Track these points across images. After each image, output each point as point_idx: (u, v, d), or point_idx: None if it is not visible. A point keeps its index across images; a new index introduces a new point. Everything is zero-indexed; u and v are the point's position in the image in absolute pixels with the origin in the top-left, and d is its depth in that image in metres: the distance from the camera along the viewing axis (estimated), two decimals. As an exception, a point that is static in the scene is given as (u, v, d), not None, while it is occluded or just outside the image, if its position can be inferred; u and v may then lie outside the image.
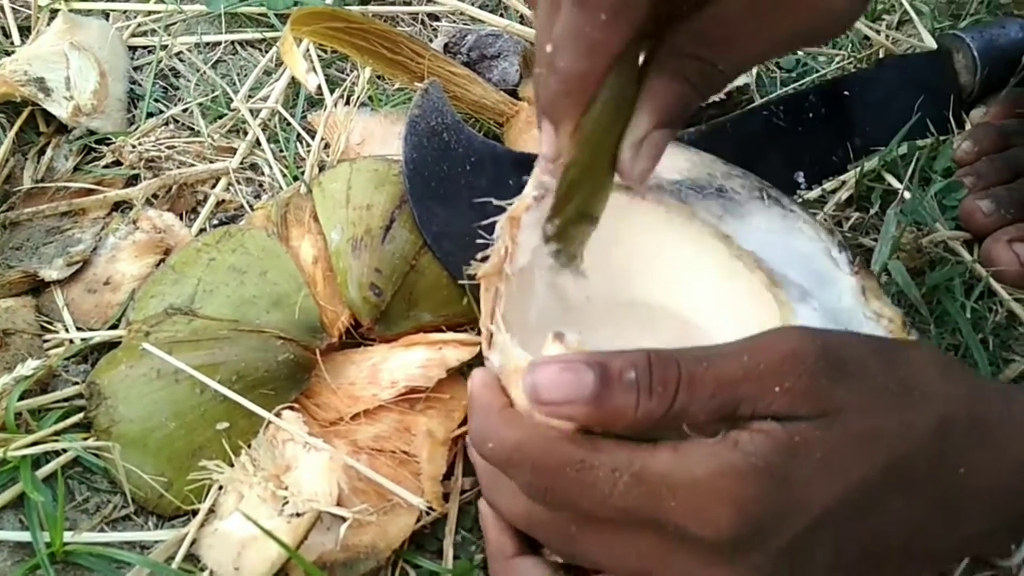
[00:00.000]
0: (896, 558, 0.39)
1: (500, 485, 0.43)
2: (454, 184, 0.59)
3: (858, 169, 0.66)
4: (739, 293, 0.49)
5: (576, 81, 0.40)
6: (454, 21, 0.76)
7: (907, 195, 0.64)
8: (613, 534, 0.39)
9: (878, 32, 0.76)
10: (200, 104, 0.70)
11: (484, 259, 0.49)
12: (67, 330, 0.58)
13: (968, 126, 0.70)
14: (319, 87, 0.70)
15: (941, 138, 0.68)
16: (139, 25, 0.76)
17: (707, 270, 0.51)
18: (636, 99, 0.43)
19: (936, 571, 0.47)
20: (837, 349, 0.38)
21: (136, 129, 0.68)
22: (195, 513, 0.50)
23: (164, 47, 0.74)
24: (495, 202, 0.50)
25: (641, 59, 0.43)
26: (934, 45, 0.74)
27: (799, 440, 0.36)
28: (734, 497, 0.35)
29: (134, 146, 0.66)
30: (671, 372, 0.37)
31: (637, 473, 0.37)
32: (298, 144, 0.68)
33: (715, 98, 0.69)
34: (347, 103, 0.69)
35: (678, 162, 0.54)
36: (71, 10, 0.75)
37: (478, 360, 0.54)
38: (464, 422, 0.53)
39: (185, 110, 0.70)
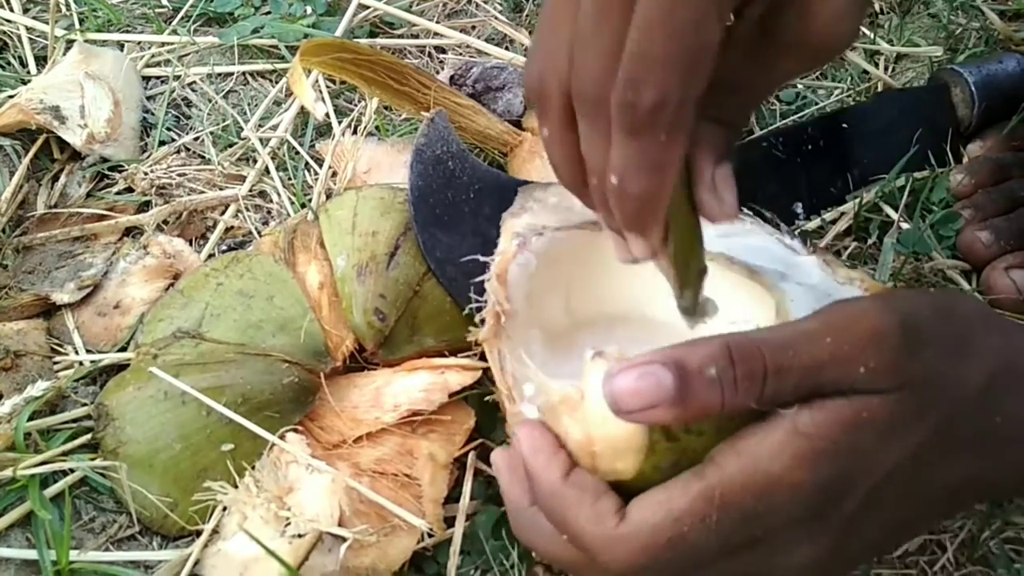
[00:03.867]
0: (946, 503, 0.42)
1: (539, 528, 0.43)
2: (458, 211, 0.60)
3: (857, 200, 0.67)
4: (724, 289, 0.50)
5: (652, 200, 0.40)
6: (460, 54, 0.78)
7: (904, 225, 0.65)
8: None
9: (876, 66, 0.77)
10: (211, 133, 0.72)
11: (482, 321, 0.49)
12: (77, 352, 0.59)
13: (965, 159, 0.71)
14: (327, 116, 0.71)
15: (939, 170, 0.69)
16: (153, 56, 0.77)
17: None
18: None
19: (980, 504, 0.51)
20: (913, 318, 0.38)
21: (148, 157, 0.69)
22: (199, 533, 0.51)
23: (177, 77, 0.75)
24: (480, 258, 0.51)
25: None
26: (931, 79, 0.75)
27: (866, 415, 0.37)
28: (812, 483, 0.37)
29: (146, 173, 0.67)
30: (756, 364, 0.37)
31: (723, 503, 0.37)
32: (306, 172, 0.69)
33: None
34: (354, 133, 0.70)
35: None
36: (87, 40, 0.77)
37: (479, 384, 0.55)
38: (467, 443, 0.54)
39: (196, 139, 0.71)
